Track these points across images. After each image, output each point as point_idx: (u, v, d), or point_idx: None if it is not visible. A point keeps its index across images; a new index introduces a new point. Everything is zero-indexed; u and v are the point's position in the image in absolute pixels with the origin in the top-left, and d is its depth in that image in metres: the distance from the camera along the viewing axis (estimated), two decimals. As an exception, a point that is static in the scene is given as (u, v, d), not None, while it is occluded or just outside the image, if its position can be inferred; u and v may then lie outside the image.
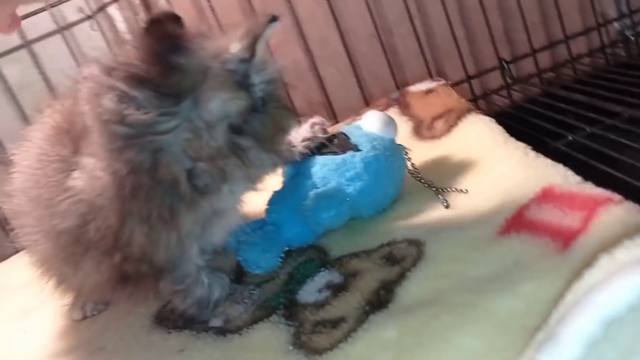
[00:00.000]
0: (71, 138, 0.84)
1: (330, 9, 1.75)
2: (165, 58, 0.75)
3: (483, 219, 0.92)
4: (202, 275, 0.91)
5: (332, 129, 1.13)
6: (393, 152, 1.06)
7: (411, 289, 0.85)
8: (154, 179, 0.76)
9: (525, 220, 0.86)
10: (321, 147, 1.06)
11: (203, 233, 0.86)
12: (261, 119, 0.81)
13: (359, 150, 1.02)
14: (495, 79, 1.89)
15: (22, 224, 0.95)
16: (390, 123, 1.06)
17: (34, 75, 1.75)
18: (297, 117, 0.94)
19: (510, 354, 0.64)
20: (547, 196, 0.88)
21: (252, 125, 0.81)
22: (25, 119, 1.72)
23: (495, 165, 1.06)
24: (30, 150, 0.93)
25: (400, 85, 1.82)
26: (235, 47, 0.79)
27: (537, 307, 0.69)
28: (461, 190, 1.04)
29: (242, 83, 0.79)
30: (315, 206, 0.97)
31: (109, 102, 0.73)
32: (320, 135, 1.06)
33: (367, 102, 1.80)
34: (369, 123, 1.05)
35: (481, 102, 1.88)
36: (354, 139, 1.04)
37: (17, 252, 1.69)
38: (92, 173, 0.79)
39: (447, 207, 1.02)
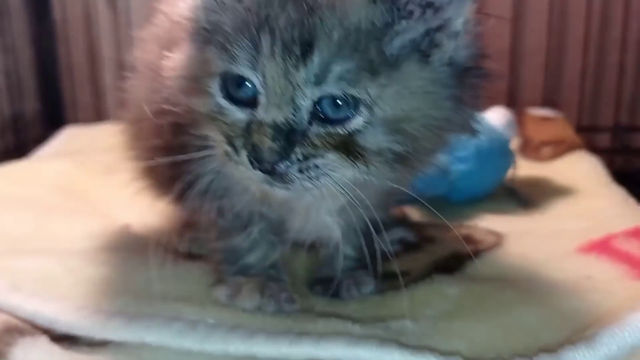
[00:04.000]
0: None
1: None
2: None
3: (569, 234, 0.99)
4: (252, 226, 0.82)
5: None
6: (505, 152, 1.14)
7: (481, 266, 0.93)
8: None
9: (609, 247, 0.93)
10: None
11: None
12: None
13: (475, 135, 1.10)
14: (602, 137, 1.93)
15: None
16: (513, 125, 1.15)
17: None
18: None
19: (562, 336, 0.71)
20: (638, 233, 0.95)
21: None
22: None
23: (593, 198, 1.14)
24: None
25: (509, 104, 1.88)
26: None
27: (598, 311, 0.76)
28: (527, 201, 1.12)
29: None
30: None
31: None
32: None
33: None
34: (494, 116, 1.14)
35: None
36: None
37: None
38: None
39: (524, 207, 1.12)
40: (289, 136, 0.62)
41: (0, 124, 1.75)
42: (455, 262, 0.94)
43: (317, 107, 0.62)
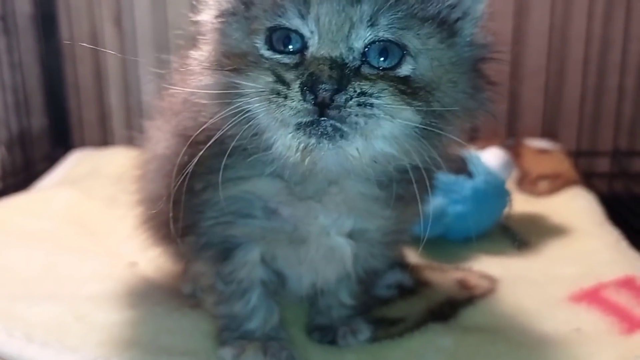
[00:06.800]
0: None
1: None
2: None
3: (560, 280, 1.03)
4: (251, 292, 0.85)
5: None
6: (501, 192, 1.18)
7: (475, 315, 0.97)
8: None
9: (600, 296, 0.97)
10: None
11: None
12: None
13: (471, 177, 1.14)
14: (601, 162, 1.96)
15: None
16: (509, 166, 1.19)
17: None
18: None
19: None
20: (627, 284, 0.99)
21: None
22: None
23: (586, 239, 1.17)
24: None
25: (509, 133, 1.91)
26: None
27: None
28: (521, 241, 1.17)
29: None
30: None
31: None
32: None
33: (473, 137, 1.90)
34: (490, 157, 1.18)
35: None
36: (470, 166, 1.16)
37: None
38: None
39: (518, 247, 1.17)
40: (343, 70, 0.64)
41: (8, 140, 1.78)
42: (450, 309, 0.98)
43: (366, 56, 0.66)
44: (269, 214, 0.79)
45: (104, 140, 1.99)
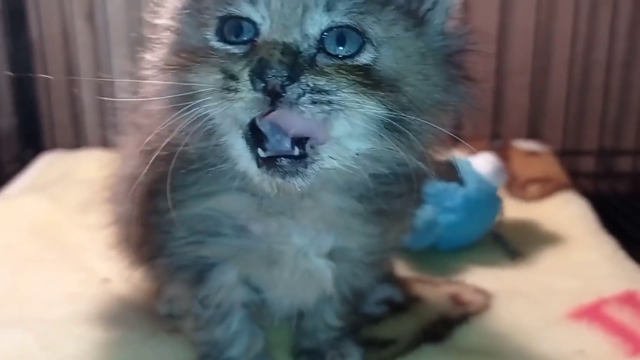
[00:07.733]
0: None
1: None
2: None
3: (558, 295, 0.98)
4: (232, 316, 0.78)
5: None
6: (493, 200, 1.12)
7: (471, 334, 0.90)
8: None
9: (601, 313, 0.92)
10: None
11: None
12: None
13: (462, 185, 1.08)
14: (586, 161, 1.92)
15: None
16: (501, 173, 1.13)
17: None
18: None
19: None
20: (630, 300, 0.94)
21: None
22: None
23: (582, 249, 1.12)
24: None
25: (494, 132, 1.86)
26: None
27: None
28: (515, 252, 1.12)
29: None
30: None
31: None
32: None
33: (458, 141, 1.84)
34: (482, 164, 1.11)
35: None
36: (461, 173, 1.09)
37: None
38: None
39: (512, 258, 1.11)
40: (296, 57, 0.58)
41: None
42: (444, 328, 0.92)
43: (322, 43, 0.60)
44: (239, 231, 0.72)
45: (76, 140, 1.89)
